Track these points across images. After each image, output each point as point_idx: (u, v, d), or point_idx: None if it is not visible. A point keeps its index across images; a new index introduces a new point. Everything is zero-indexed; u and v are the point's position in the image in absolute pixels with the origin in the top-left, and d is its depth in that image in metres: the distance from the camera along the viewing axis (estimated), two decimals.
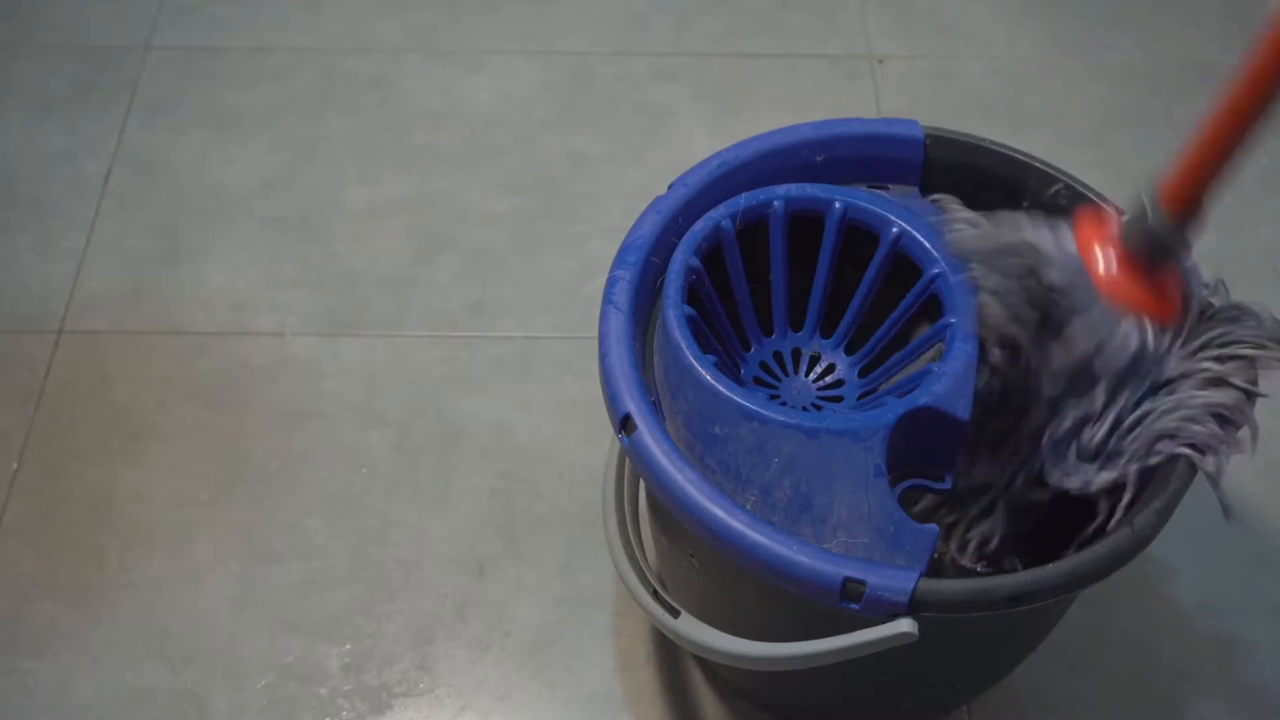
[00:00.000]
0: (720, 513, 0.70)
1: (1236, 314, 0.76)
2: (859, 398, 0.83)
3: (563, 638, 0.96)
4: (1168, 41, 1.36)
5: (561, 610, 0.98)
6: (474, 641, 0.96)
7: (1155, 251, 0.73)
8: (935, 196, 0.85)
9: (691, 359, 0.75)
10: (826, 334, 0.86)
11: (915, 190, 0.87)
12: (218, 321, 1.13)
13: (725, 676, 0.94)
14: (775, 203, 0.82)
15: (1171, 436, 0.73)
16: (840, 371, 0.85)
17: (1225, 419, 0.73)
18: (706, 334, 0.81)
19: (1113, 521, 0.73)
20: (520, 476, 1.04)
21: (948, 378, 0.75)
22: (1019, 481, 0.79)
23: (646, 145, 1.26)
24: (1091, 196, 0.83)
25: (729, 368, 0.83)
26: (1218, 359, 0.74)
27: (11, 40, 1.34)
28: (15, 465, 1.04)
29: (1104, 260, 0.74)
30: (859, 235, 0.83)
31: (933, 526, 0.71)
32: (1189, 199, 0.71)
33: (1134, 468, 0.73)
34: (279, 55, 1.33)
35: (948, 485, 0.79)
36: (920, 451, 0.77)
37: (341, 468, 1.05)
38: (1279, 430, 1.07)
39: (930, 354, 0.81)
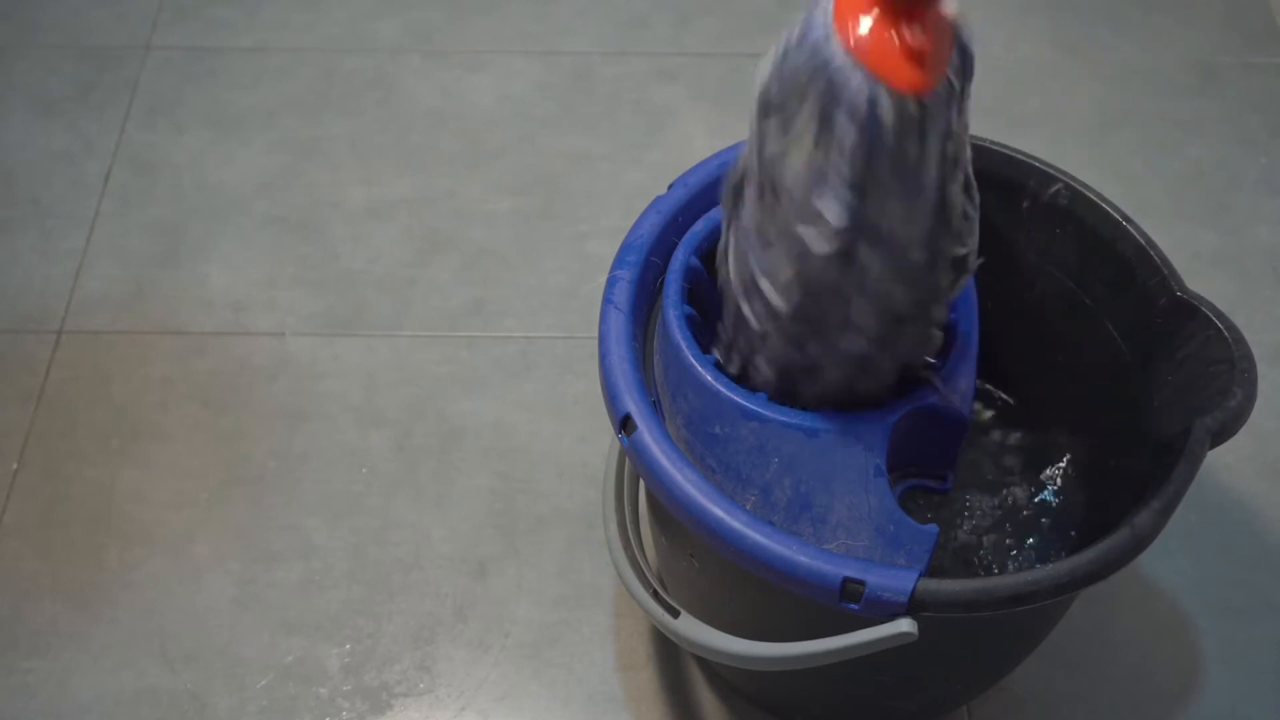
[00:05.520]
0: (720, 513, 0.70)
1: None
2: None
3: (563, 638, 0.96)
4: (1168, 41, 1.36)
5: (561, 610, 0.98)
6: (474, 641, 0.96)
7: None
8: None
9: (691, 359, 0.75)
10: None
11: None
12: (218, 321, 1.13)
13: (725, 676, 0.94)
14: None
15: None
16: None
17: None
18: (706, 334, 0.81)
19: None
20: (520, 476, 1.04)
21: (948, 377, 0.75)
22: None
23: (646, 145, 1.26)
24: (1092, 196, 0.83)
25: None
26: None
27: (11, 40, 1.34)
28: (15, 465, 1.04)
29: (856, 26, 0.64)
30: None
31: (933, 526, 0.72)
32: None
33: None
34: (279, 55, 1.33)
35: (948, 486, 0.79)
36: (920, 451, 0.77)
37: (341, 468, 1.05)
38: (1279, 430, 1.07)
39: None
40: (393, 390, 1.09)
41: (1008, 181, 0.85)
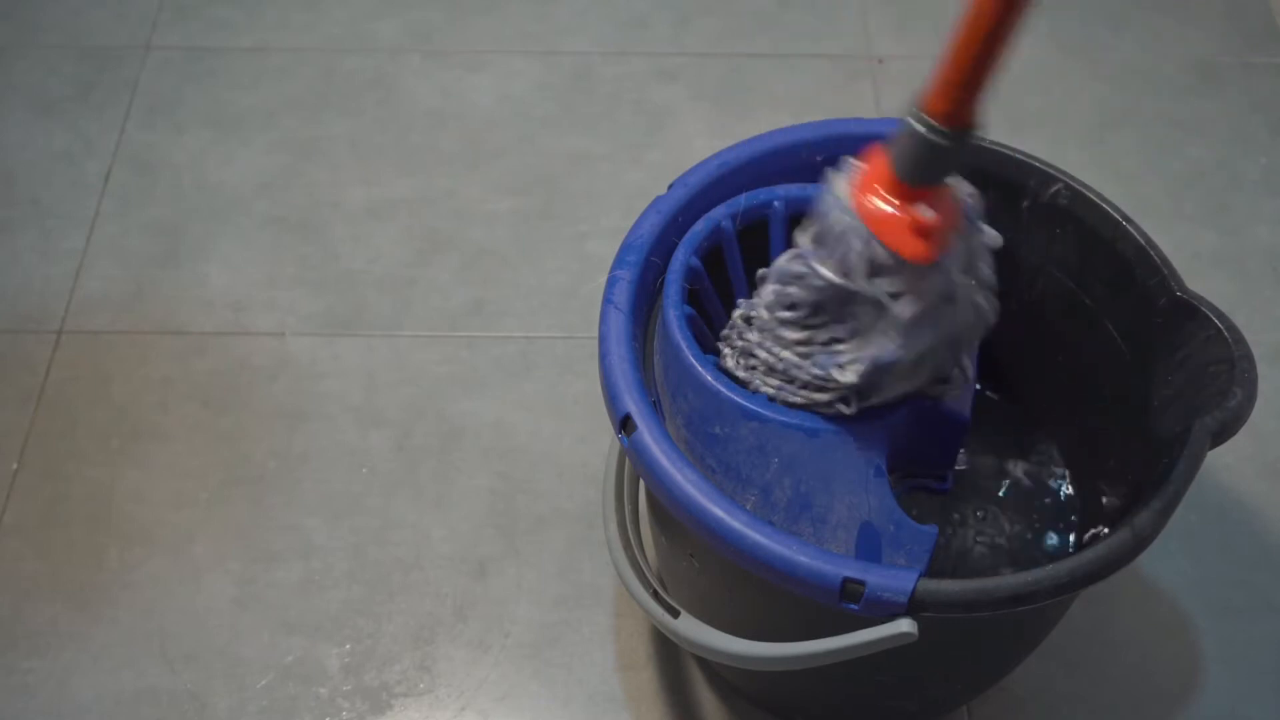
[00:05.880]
0: (720, 513, 0.70)
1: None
2: None
3: (563, 638, 0.96)
4: (1168, 41, 1.36)
5: (561, 610, 0.98)
6: (474, 641, 0.96)
7: (929, 164, 0.68)
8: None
9: (691, 359, 0.75)
10: None
11: None
12: (218, 321, 1.13)
13: (725, 676, 0.94)
14: (775, 203, 0.82)
15: None
16: None
17: None
18: (707, 334, 0.81)
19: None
20: (520, 476, 1.04)
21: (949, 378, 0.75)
22: None
23: (646, 145, 1.26)
24: (1092, 196, 0.83)
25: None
26: None
27: (11, 40, 1.34)
28: (15, 465, 1.04)
29: (877, 201, 0.70)
30: None
31: (932, 527, 0.72)
32: (956, 95, 0.68)
33: None
34: (279, 55, 1.33)
35: (948, 486, 0.79)
36: (920, 451, 0.77)
37: (341, 468, 1.05)
38: (1279, 430, 1.07)
39: None
40: (393, 390, 1.09)
41: (1008, 181, 0.85)
